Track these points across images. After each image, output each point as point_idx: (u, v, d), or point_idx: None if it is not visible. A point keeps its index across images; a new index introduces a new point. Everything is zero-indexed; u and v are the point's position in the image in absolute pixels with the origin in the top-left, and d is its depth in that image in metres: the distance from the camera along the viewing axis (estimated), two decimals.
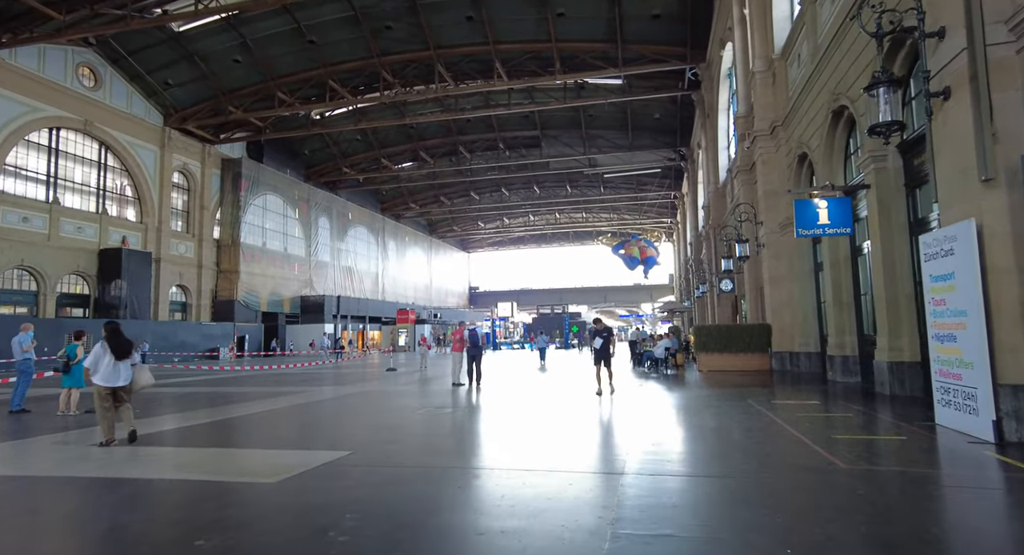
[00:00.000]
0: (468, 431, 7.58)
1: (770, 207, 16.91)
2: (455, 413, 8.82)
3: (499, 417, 8.73)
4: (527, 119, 39.56)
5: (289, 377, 18.09)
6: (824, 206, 10.81)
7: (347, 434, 7.64)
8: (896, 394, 9.75)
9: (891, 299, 10.05)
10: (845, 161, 12.88)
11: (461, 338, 13.73)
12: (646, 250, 40.29)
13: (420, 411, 9.15)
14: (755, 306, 19.62)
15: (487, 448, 6.46)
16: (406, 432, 7.48)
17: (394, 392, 12.79)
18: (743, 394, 11.07)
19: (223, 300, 36.99)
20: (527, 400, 10.86)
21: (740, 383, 13.36)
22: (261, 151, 40.00)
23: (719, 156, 28.60)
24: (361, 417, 9.14)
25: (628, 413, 8.71)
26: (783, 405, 9.19)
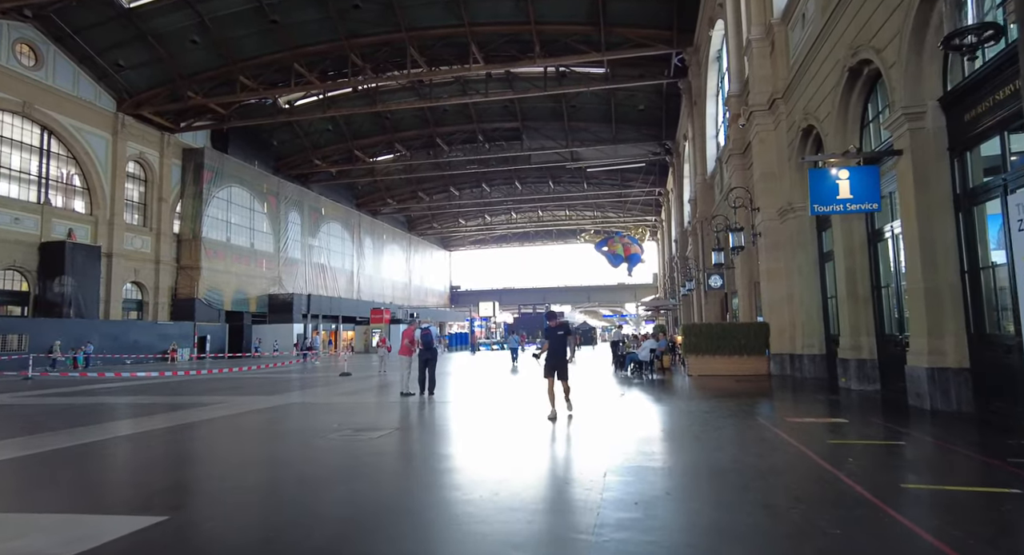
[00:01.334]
0: (372, 475, 5.18)
1: (767, 191, 14.87)
2: (376, 440, 6.58)
3: (429, 449, 6.49)
4: (507, 110, 37.40)
5: (225, 383, 15.70)
6: (845, 177, 8.72)
7: (196, 478, 5.34)
8: (939, 409, 7.68)
9: (932, 291, 7.98)
10: (861, 131, 10.83)
11: (411, 339, 11.49)
12: (630, 247, 38.28)
13: (334, 436, 6.89)
14: (748, 303, 17.58)
15: (380, 513, 4.23)
16: (287, 475, 5.21)
17: (323, 405, 10.51)
18: (745, 407, 8.95)
19: (183, 298, 34.36)
20: (477, 419, 8.62)
21: (737, 391, 11.26)
22: (226, 141, 37.40)
23: (707, 145, 26.62)
24: (245, 446, 6.84)
25: (601, 440, 6.52)
26: (803, 425, 7.07)
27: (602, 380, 14.75)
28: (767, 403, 9.72)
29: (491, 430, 7.37)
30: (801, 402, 9.69)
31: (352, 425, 7.77)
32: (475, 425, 7.90)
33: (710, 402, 9.61)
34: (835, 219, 11.35)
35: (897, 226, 9.57)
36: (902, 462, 5.23)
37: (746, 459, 5.23)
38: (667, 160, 39.53)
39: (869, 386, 10.56)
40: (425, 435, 7.02)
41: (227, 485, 4.90)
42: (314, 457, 5.88)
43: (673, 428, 7.23)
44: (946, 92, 8.00)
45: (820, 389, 11.24)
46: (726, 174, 22.15)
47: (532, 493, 4.27)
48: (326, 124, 38.72)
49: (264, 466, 5.58)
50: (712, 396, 10.51)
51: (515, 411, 9.10)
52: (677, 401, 10.01)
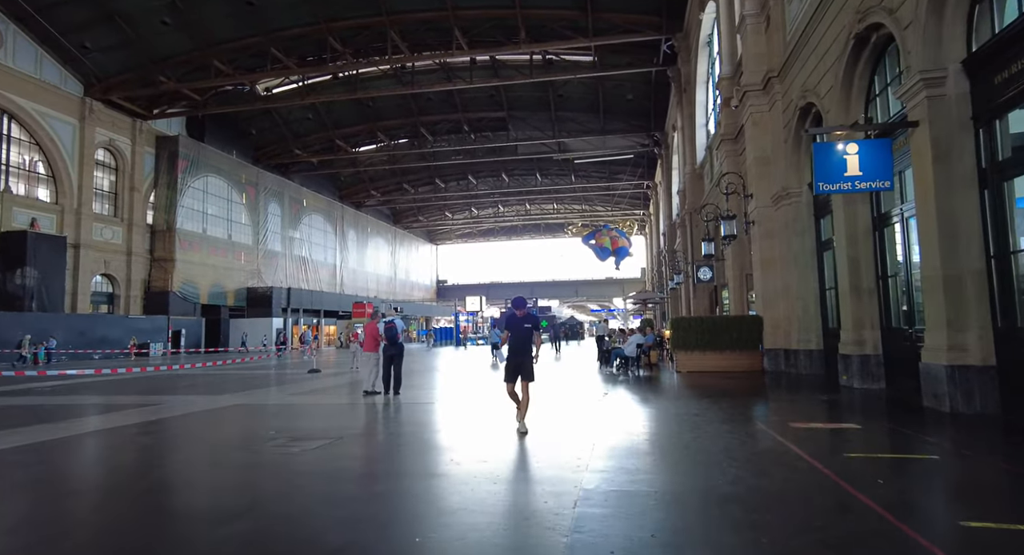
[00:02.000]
0: (268, 508, 3.91)
1: (761, 176, 13.89)
2: (307, 454, 5.44)
3: (363, 466, 5.38)
4: (493, 99, 36.20)
5: (183, 381, 14.51)
6: (853, 152, 7.71)
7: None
8: (960, 412, 6.72)
9: (952, 279, 7.01)
10: (867, 106, 9.84)
11: (374, 335, 10.40)
12: (617, 240, 37.21)
13: (261, 447, 5.79)
14: (739, 296, 16.65)
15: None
16: (151, 509, 4.11)
17: (273, 407, 9.39)
18: (741, 409, 7.96)
19: (157, 291, 32.94)
20: (437, 425, 7.57)
21: (730, 390, 10.28)
22: (202, 129, 35.91)
23: (696, 134, 25.65)
24: (137, 464, 5.44)
25: (575, 454, 5.46)
26: (811, 433, 6.07)
27: (585, 377, 13.74)
28: (764, 404, 8.75)
29: (447, 440, 6.30)
30: (801, 402, 8.71)
31: (291, 432, 6.67)
32: (431, 433, 6.84)
33: (701, 403, 8.60)
34: (836, 203, 10.39)
35: (907, 209, 8.61)
36: (946, 485, 4.23)
37: (751, 481, 4.21)
38: (655, 152, 38.58)
39: (873, 384, 9.61)
40: (367, 447, 5.92)
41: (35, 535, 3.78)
42: (213, 480, 4.78)
43: (661, 436, 6.20)
44: (970, 54, 7.01)
45: (819, 387, 10.28)
46: (716, 162, 21.19)
47: (475, 539, 3.20)
48: (306, 112, 37.34)
49: (130, 495, 4.37)
50: (703, 395, 9.51)
51: (483, 414, 8.05)
52: (665, 402, 9.00)
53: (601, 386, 11.46)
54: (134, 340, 27.29)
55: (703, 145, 25.17)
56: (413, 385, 12.28)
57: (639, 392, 10.38)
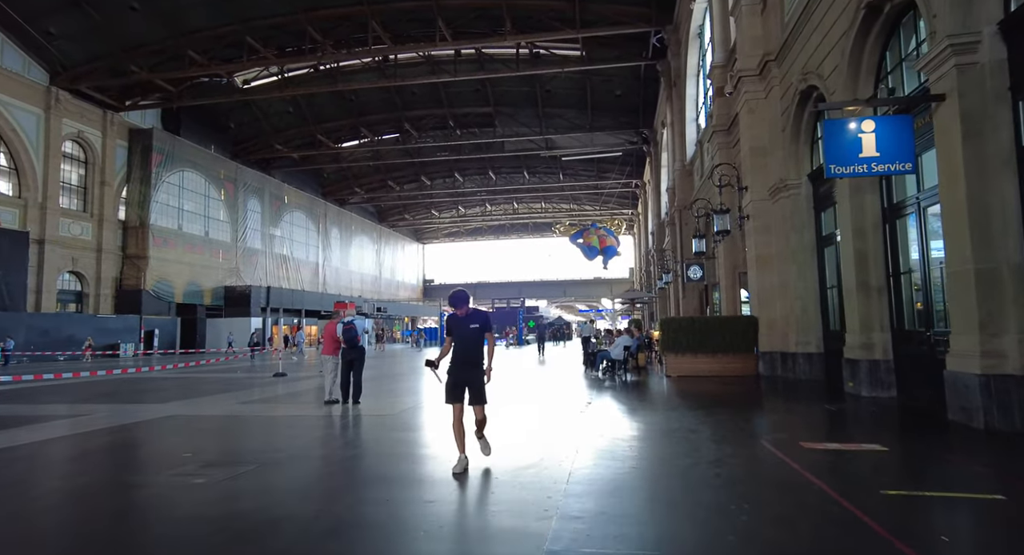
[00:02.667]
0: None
1: (757, 167, 12.92)
2: (212, 487, 4.33)
3: (266, 511, 4.27)
4: (479, 94, 35.07)
5: (132, 385, 13.27)
6: (870, 130, 6.71)
7: None
8: (996, 429, 5.73)
9: (985, 274, 6.02)
10: (876, 85, 8.86)
11: (333, 336, 9.28)
12: (605, 239, 36.19)
13: (161, 479, 4.67)
14: (732, 296, 15.67)
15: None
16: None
17: (212, 419, 8.23)
18: (741, 422, 6.95)
19: (129, 289, 31.48)
20: (389, 446, 6.44)
21: (726, 398, 9.27)
22: (178, 122, 34.48)
23: (686, 129, 24.74)
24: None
25: (542, 493, 4.39)
26: (830, 457, 5.04)
27: (568, 383, 12.68)
28: (766, 416, 7.73)
29: (393, 467, 5.17)
30: (808, 415, 7.70)
31: (212, 455, 5.54)
32: (376, 457, 5.72)
33: (696, 414, 7.56)
34: (841, 193, 9.41)
35: (925, 197, 7.63)
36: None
37: (771, 534, 3.16)
38: (644, 149, 37.69)
39: (883, 392, 8.63)
40: (290, 477, 4.73)
41: None
42: (46, 536, 3.65)
43: (652, 463, 5.14)
44: (1008, 14, 6.02)
45: (823, 395, 9.29)
46: (707, 156, 20.26)
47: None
48: (286, 106, 36.03)
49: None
50: (697, 405, 8.48)
51: (448, 430, 6.97)
52: (654, 413, 7.95)
53: (584, 393, 10.40)
54: (90, 341, 25.74)
55: (693, 140, 24.26)
56: (381, 391, 11.16)
57: (626, 401, 9.34)
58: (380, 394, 10.75)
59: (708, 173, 17.26)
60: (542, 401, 9.30)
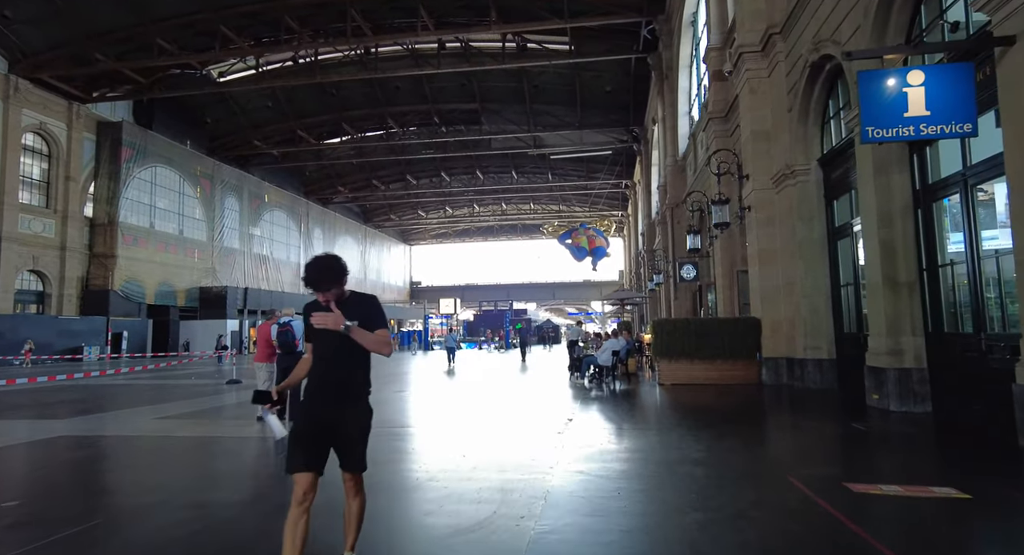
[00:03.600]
0: None
1: (760, 154, 11.56)
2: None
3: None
4: (465, 89, 33.66)
5: (58, 394, 11.66)
6: (918, 82, 5.33)
7: None
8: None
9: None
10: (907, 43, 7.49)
11: (267, 340, 7.79)
12: (595, 239, 34.84)
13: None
14: (730, 296, 14.28)
15: None
16: None
17: (111, 439, 6.71)
18: (755, 448, 5.54)
19: (96, 290, 29.73)
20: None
21: (731, 412, 7.87)
22: (151, 116, 32.79)
23: (678, 123, 23.45)
24: None
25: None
26: (896, 508, 3.61)
27: (549, 393, 11.21)
28: (786, 438, 6.31)
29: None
30: (836, 437, 6.29)
31: (47, 504, 4.04)
32: (266, 515, 4.24)
33: (698, 436, 6.13)
34: (863, 174, 8.04)
35: (973, 174, 6.26)
36: None
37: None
38: (635, 148, 36.41)
39: (915, 406, 7.24)
40: (127, 548, 3.30)
41: None
42: None
43: (648, 520, 3.68)
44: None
45: (843, 409, 7.91)
46: (701, 150, 18.93)
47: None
48: (265, 100, 34.43)
49: None
50: (699, 423, 7.06)
51: (385, 461, 5.49)
52: (648, 434, 6.50)
53: (566, 406, 8.94)
54: (30, 345, 23.86)
55: (686, 134, 22.95)
56: None
57: (614, 416, 7.90)
58: None
59: (704, 162, 15.89)
60: (514, 417, 7.83)
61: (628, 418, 7.70)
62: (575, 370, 12.97)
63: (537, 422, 7.19)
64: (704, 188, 15.99)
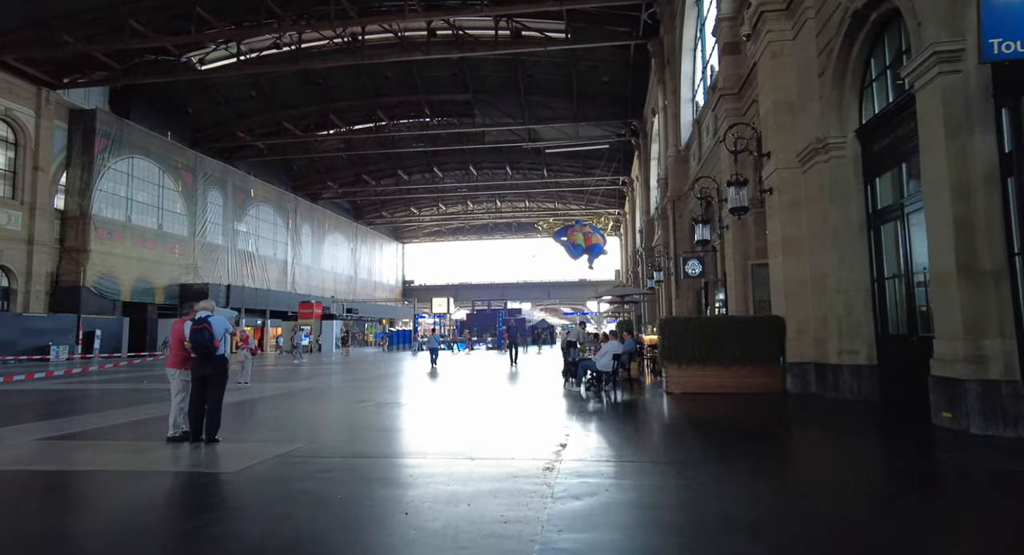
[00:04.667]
0: None
1: (783, 127, 9.91)
2: None
3: None
4: (456, 79, 31.95)
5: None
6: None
7: None
8: None
9: None
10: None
11: (180, 341, 6.09)
12: (591, 237, 33.15)
13: None
14: (742, 293, 12.58)
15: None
16: None
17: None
18: (821, 491, 3.85)
19: (67, 286, 27.87)
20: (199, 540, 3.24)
21: (764, 433, 6.21)
22: (128, 105, 30.96)
23: (681, 111, 21.79)
24: None
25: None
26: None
27: (539, 405, 9.49)
28: (859, 478, 4.58)
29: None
30: (935, 479, 4.59)
31: None
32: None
33: (734, 476, 4.44)
34: (931, 138, 6.34)
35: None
36: None
37: None
38: (632, 142, 34.78)
39: (1006, 430, 5.57)
40: None
41: None
42: None
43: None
44: None
45: (904, 429, 6.23)
46: (706, 137, 17.32)
47: None
48: (249, 90, 32.64)
49: None
50: (728, 452, 5.38)
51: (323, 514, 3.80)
52: (666, 473, 4.78)
53: (559, 425, 7.23)
54: None
55: (689, 122, 21.31)
56: (270, 419, 7.96)
57: (618, 442, 6.20)
58: (264, 424, 7.57)
59: (711, 146, 14.18)
60: (493, 442, 6.11)
61: (636, 444, 6.00)
62: (570, 376, 11.26)
63: (521, 450, 5.47)
64: (713, 173, 14.34)
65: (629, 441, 6.08)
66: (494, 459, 4.97)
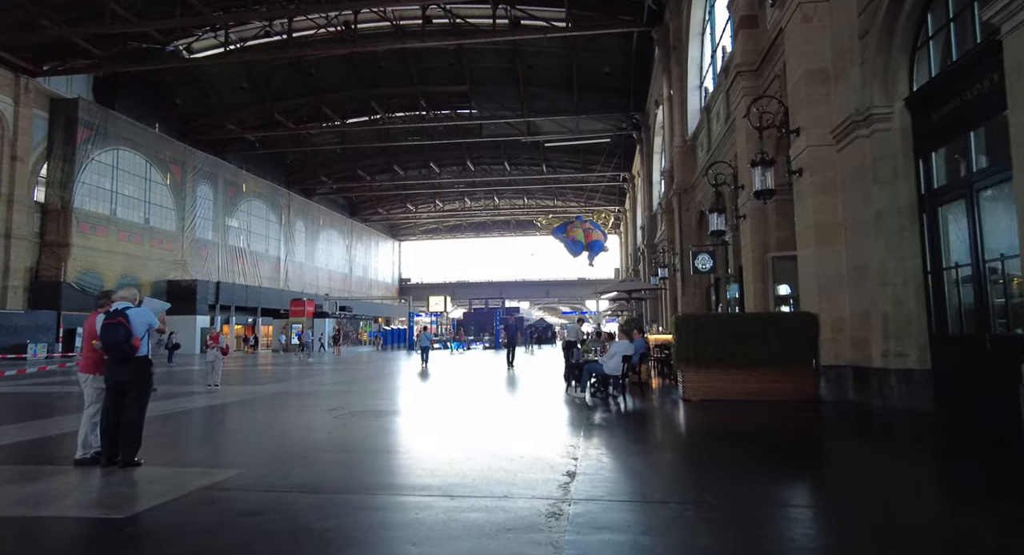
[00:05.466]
0: None
1: (815, 100, 8.67)
2: None
3: None
4: (453, 69, 30.65)
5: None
6: None
7: None
8: None
9: None
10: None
11: (91, 337, 4.84)
12: (591, 233, 31.89)
13: None
14: (761, 288, 11.32)
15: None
16: None
17: None
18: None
19: (47, 282, 26.54)
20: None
21: (814, 451, 5.01)
22: (114, 95, 29.65)
23: (688, 99, 20.56)
24: None
25: None
26: None
27: (538, 419, 8.21)
28: (997, 541, 3.33)
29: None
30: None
31: None
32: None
33: (818, 527, 3.19)
34: (1020, 87, 5.10)
35: None
36: None
37: None
38: (634, 136, 33.52)
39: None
40: None
41: None
42: None
43: None
44: None
45: (991, 449, 4.98)
46: (716, 124, 16.10)
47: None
48: (240, 81, 31.34)
49: None
50: (783, 484, 4.15)
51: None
52: (714, 520, 3.51)
53: (565, 441, 5.97)
54: None
55: (696, 111, 20.09)
56: (207, 435, 6.71)
57: (641, 466, 4.95)
58: (207, 440, 6.33)
59: (725, 129, 12.92)
60: (480, 470, 4.81)
61: (664, 473, 4.74)
62: (573, 380, 9.99)
63: (518, 483, 4.20)
64: (728, 159, 13.10)
65: (655, 469, 4.82)
66: (481, 498, 3.71)
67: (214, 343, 11.19)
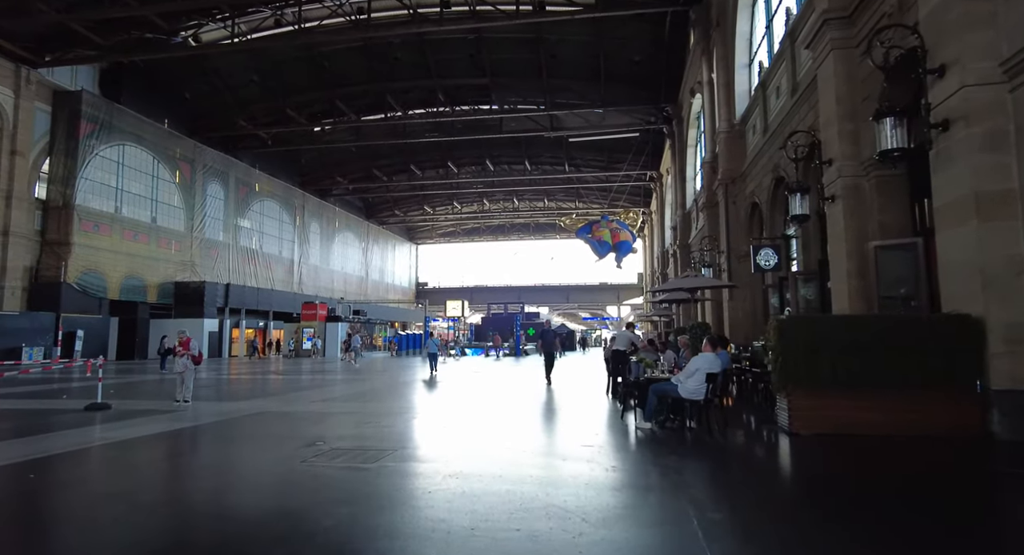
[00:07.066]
0: None
1: (971, 23, 6.27)
2: None
3: None
4: (473, 61, 28.52)
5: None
6: None
7: None
8: None
9: None
10: None
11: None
12: (619, 233, 29.58)
13: None
14: (860, 287, 8.78)
15: None
16: None
17: None
18: None
19: (48, 282, 24.86)
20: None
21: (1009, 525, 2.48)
22: (120, 88, 28.04)
23: (735, 80, 18.06)
24: None
25: None
26: None
27: (592, 464, 5.75)
28: None
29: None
30: None
31: None
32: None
33: None
34: None
35: None
36: None
37: None
38: (664, 130, 31.01)
39: None
40: None
41: None
42: None
43: None
44: None
45: None
46: (773, 100, 13.63)
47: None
48: (251, 74, 29.57)
49: None
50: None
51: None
52: None
53: (662, 519, 3.58)
54: None
55: (745, 92, 17.62)
56: (149, 479, 4.47)
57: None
58: (91, 507, 4.08)
59: (792, 101, 10.39)
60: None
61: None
62: (629, 403, 7.56)
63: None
64: (808, 125, 10.61)
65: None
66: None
67: (184, 350, 9.00)
